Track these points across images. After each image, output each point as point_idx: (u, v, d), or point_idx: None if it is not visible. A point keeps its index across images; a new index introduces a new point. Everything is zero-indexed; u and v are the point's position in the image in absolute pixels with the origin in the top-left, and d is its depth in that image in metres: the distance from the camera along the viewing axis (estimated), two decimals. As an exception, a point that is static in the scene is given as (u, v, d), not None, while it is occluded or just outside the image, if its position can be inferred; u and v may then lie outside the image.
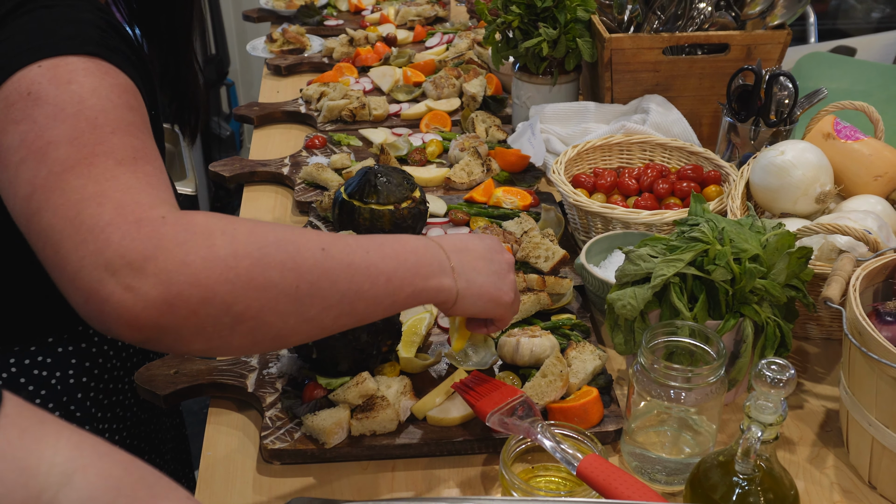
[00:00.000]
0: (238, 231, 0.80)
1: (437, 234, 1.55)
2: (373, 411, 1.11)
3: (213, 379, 1.20)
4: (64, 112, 0.83)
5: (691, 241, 1.11)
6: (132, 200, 0.78)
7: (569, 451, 0.97)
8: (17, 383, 1.14)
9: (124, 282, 0.74)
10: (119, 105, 0.87)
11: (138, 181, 0.81)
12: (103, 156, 0.81)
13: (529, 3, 1.81)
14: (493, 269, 1.05)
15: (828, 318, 1.29)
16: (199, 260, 0.76)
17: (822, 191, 1.37)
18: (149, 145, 0.87)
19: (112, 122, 0.84)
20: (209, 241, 0.78)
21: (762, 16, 1.77)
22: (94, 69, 0.87)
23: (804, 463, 1.12)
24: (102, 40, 0.91)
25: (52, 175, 0.79)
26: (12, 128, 0.83)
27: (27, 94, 0.84)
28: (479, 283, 1.02)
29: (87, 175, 0.79)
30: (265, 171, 1.80)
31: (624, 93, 1.82)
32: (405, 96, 2.14)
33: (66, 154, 0.80)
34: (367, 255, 0.90)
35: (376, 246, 0.92)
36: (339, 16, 2.79)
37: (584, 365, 1.19)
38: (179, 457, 1.51)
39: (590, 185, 1.59)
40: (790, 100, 1.61)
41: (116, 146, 0.82)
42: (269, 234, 0.83)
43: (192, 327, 0.77)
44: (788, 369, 0.87)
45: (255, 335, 0.82)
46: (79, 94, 0.84)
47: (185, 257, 0.76)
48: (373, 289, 0.89)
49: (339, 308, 0.87)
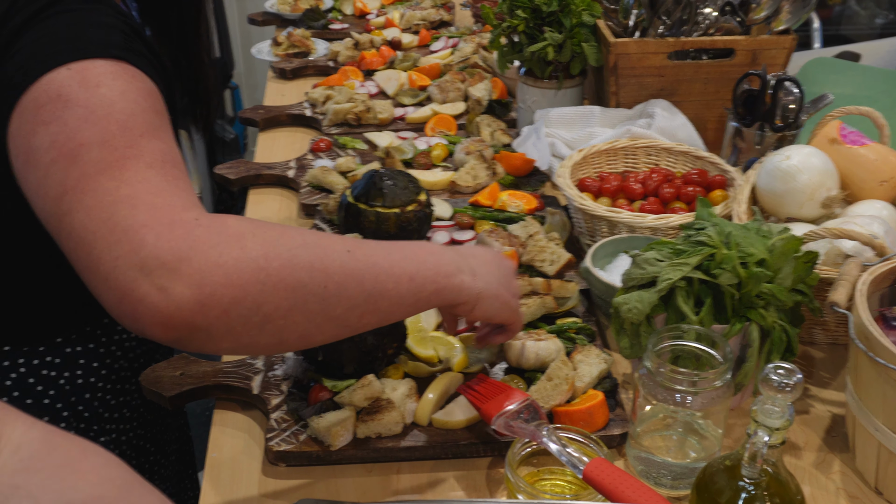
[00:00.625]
0: (268, 234, 0.82)
1: (443, 237, 1.55)
2: (378, 414, 1.11)
3: (219, 381, 1.20)
4: (95, 115, 0.84)
5: (697, 245, 1.11)
6: (165, 203, 0.80)
7: (574, 455, 0.97)
8: (25, 384, 1.15)
9: (158, 283, 0.75)
10: (147, 109, 0.88)
11: (168, 184, 0.82)
12: (134, 158, 0.82)
13: (535, 8, 1.82)
14: (503, 273, 1.08)
15: (834, 322, 1.29)
16: (232, 261, 0.78)
17: (828, 195, 1.37)
18: (175, 149, 0.89)
19: (141, 126, 0.85)
20: (241, 243, 0.79)
21: (767, 21, 1.77)
22: (121, 73, 0.88)
23: (810, 468, 1.12)
24: (127, 44, 0.92)
25: (84, 177, 0.80)
26: (42, 129, 0.84)
27: (57, 96, 0.85)
28: (494, 285, 1.04)
29: (119, 177, 0.80)
30: (270, 174, 1.80)
31: (629, 97, 1.82)
32: (410, 100, 2.15)
33: (98, 156, 0.81)
34: (389, 255, 0.92)
35: (397, 249, 0.95)
36: (345, 19, 2.80)
37: (589, 368, 1.19)
38: (184, 458, 1.51)
39: (595, 189, 1.59)
40: (796, 105, 1.61)
41: (146, 149, 0.84)
42: (297, 237, 0.85)
43: (224, 326, 0.79)
44: (795, 374, 0.87)
45: (283, 334, 0.83)
46: (108, 98, 0.85)
47: (218, 258, 0.77)
48: (397, 287, 0.92)
49: (364, 307, 0.89)
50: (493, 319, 1.08)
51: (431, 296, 0.96)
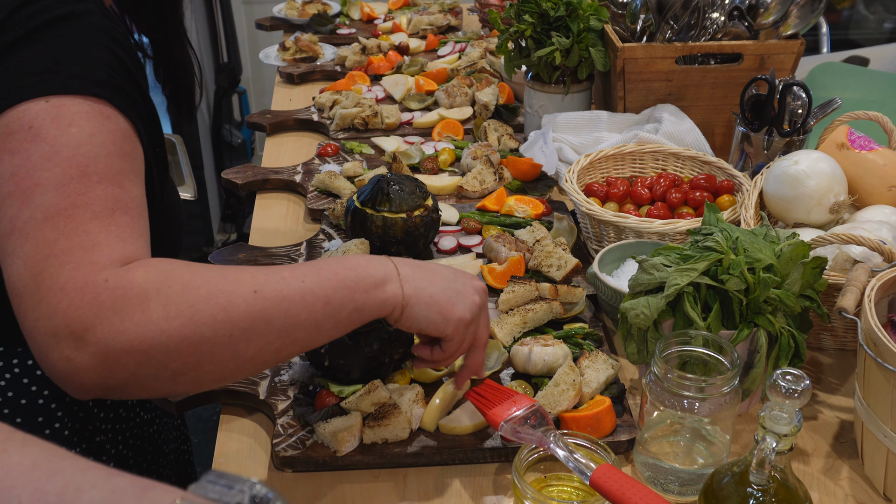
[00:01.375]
0: (173, 289, 0.84)
1: (450, 242, 1.55)
2: (385, 419, 1.11)
3: (225, 386, 1.20)
4: (59, 155, 0.87)
5: (705, 251, 1.11)
6: (90, 260, 0.83)
7: (582, 461, 0.97)
8: (20, 384, 1.15)
9: (66, 353, 0.80)
10: (112, 152, 0.91)
11: (107, 236, 0.86)
12: (82, 207, 0.86)
13: (542, 13, 1.82)
14: (453, 286, 1.05)
15: (842, 328, 1.29)
16: (133, 326, 0.81)
17: (836, 201, 1.36)
18: (131, 194, 0.92)
19: (102, 171, 0.89)
20: (143, 306, 0.82)
21: (775, 26, 1.77)
22: (96, 114, 0.91)
23: (818, 474, 1.11)
24: (109, 80, 0.94)
25: (31, 221, 0.84)
26: (7, 158, 0.87)
27: (28, 127, 0.88)
28: (429, 292, 1.02)
29: (61, 228, 0.84)
30: (277, 178, 1.80)
31: (636, 102, 1.82)
32: (417, 105, 2.15)
33: (49, 201, 0.85)
34: (302, 283, 0.92)
35: (314, 272, 0.95)
36: (352, 24, 2.80)
37: (596, 374, 1.19)
38: (182, 458, 1.51)
39: (602, 194, 1.59)
40: (804, 109, 1.60)
41: (98, 197, 0.87)
42: (202, 288, 0.86)
43: (136, 384, 0.83)
44: (803, 380, 0.87)
45: (198, 382, 0.87)
46: (77, 139, 0.89)
47: (120, 325, 0.81)
48: (312, 316, 0.92)
49: (278, 343, 0.90)
50: (425, 330, 1.03)
51: (353, 314, 0.96)
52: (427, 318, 1.01)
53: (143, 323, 0.81)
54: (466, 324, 1.05)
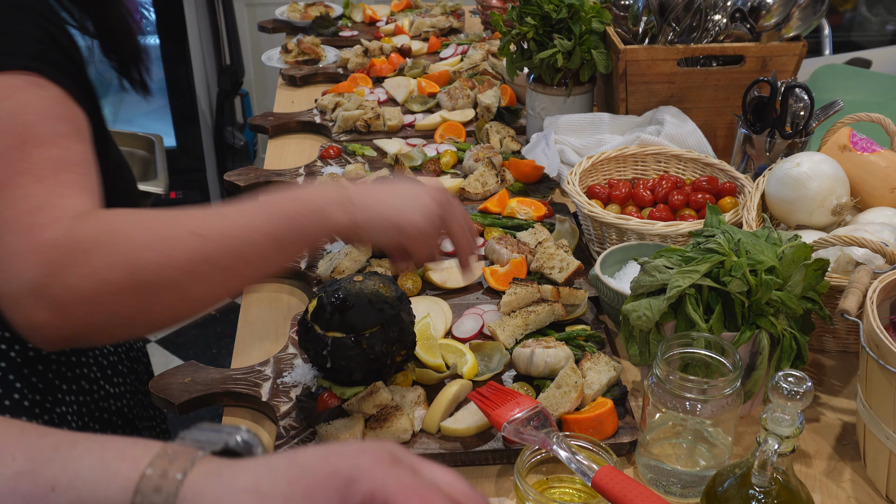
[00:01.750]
0: (115, 239, 0.88)
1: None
2: (387, 421, 1.11)
3: (228, 388, 1.21)
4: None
5: (707, 253, 1.11)
6: (38, 222, 0.87)
7: (584, 463, 0.97)
8: None
9: (26, 313, 0.85)
10: (49, 117, 0.94)
11: (52, 195, 0.89)
12: (26, 173, 0.89)
13: (544, 15, 1.82)
14: (406, 198, 1.06)
15: (844, 330, 1.29)
16: (79, 279, 0.85)
17: (839, 203, 1.36)
18: (73, 151, 0.94)
19: (40, 136, 0.92)
20: (87, 258, 0.86)
21: (777, 28, 1.77)
22: (28, 85, 0.94)
23: (821, 476, 1.11)
24: (41, 54, 0.96)
25: None
26: None
27: None
28: (379, 210, 1.04)
29: (8, 198, 0.88)
30: (280, 180, 1.80)
31: (638, 104, 1.82)
32: (420, 107, 2.15)
33: None
34: (247, 220, 0.94)
35: (261, 209, 0.97)
36: (354, 27, 2.81)
37: (598, 376, 1.19)
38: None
39: (604, 196, 1.59)
40: (806, 111, 1.60)
41: (39, 161, 0.90)
42: (143, 236, 0.89)
43: (94, 330, 0.89)
44: (805, 381, 0.87)
45: (155, 324, 0.92)
46: (11, 111, 0.92)
47: (67, 279, 0.85)
48: (257, 250, 0.94)
49: (226, 279, 0.93)
50: (383, 246, 1.08)
51: (298, 242, 0.98)
52: (382, 235, 1.05)
53: (87, 275, 0.85)
54: (421, 229, 1.06)
